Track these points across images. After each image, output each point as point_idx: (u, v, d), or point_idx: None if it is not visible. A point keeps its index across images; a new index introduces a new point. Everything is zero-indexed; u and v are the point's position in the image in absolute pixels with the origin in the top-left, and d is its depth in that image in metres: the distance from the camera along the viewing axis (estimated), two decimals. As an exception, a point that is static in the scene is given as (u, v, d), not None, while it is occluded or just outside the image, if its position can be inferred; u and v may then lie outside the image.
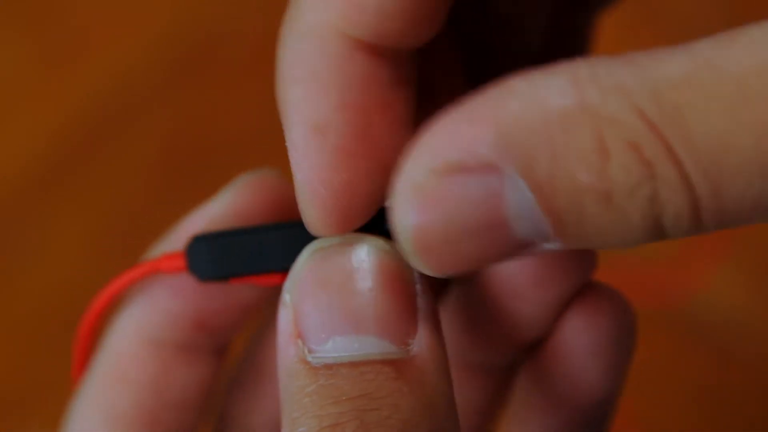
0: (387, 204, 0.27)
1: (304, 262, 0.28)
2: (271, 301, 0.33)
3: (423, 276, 0.28)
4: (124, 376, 0.33)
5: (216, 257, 0.31)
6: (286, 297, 0.28)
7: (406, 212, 0.25)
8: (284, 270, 0.29)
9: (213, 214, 0.33)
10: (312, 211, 0.28)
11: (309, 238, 0.29)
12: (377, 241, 0.28)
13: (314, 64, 0.27)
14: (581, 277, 0.31)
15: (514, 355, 0.33)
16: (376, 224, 0.28)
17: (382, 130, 0.27)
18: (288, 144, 0.27)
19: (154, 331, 0.34)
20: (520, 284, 0.31)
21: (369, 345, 0.27)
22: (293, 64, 0.27)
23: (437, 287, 0.33)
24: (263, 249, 0.30)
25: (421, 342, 0.27)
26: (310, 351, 0.27)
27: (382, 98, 0.27)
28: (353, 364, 0.27)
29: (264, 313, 0.35)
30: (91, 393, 0.34)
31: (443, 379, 0.28)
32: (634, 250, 0.32)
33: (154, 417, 0.34)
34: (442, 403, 0.27)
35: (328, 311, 0.27)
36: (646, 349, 0.33)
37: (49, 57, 0.71)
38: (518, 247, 0.25)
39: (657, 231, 0.24)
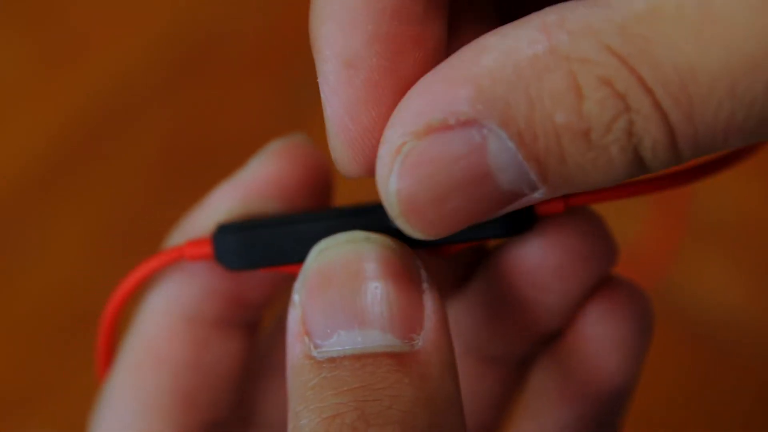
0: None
1: (312, 261, 0.28)
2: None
3: (431, 274, 0.28)
4: (158, 357, 0.32)
5: (243, 249, 0.30)
6: (295, 297, 0.28)
7: (389, 177, 0.25)
8: None
9: (245, 182, 0.32)
10: (340, 148, 0.27)
11: (337, 225, 0.29)
12: (383, 239, 0.28)
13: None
14: (603, 269, 0.31)
15: (530, 348, 0.33)
16: None
17: (413, 67, 0.27)
18: (319, 80, 0.27)
19: (188, 307, 0.32)
20: (543, 276, 0.31)
21: (373, 338, 0.27)
22: (327, 1, 0.26)
23: (455, 279, 0.33)
24: (291, 239, 0.29)
25: (426, 338, 0.27)
26: (315, 347, 0.27)
27: (413, 33, 0.27)
28: (356, 357, 0.27)
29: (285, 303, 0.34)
30: (124, 378, 0.32)
31: (448, 374, 0.27)
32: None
33: (192, 399, 0.32)
34: (444, 397, 0.27)
35: (333, 307, 0.27)
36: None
37: (49, 57, 0.71)
38: (505, 200, 0.25)
39: (637, 164, 0.24)
